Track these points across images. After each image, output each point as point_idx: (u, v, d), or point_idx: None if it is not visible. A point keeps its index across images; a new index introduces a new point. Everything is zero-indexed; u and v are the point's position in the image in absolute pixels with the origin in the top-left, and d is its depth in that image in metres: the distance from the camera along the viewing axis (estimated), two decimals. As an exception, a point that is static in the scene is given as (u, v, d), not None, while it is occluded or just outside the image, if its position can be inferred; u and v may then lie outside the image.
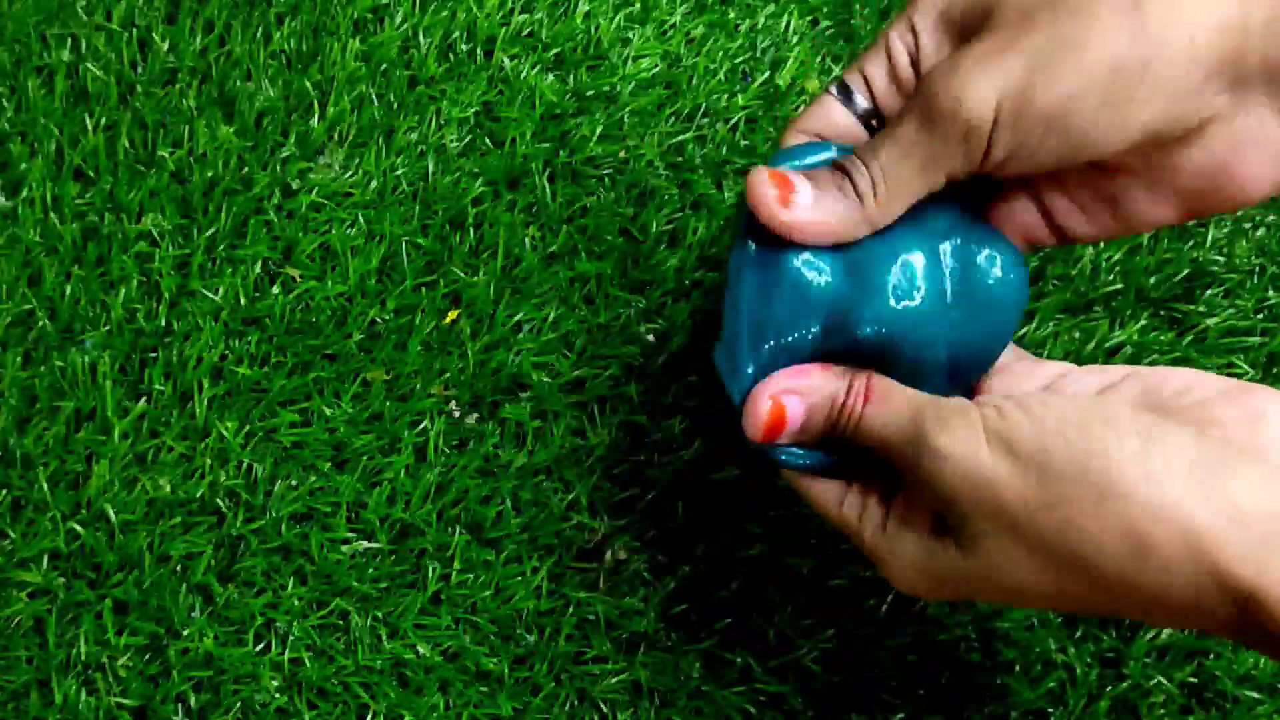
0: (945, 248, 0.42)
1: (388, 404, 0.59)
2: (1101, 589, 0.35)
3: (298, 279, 0.61)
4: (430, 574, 0.57)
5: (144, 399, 0.59)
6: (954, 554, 0.38)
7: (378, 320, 0.60)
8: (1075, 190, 0.42)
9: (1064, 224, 0.43)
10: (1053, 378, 0.43)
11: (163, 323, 0.60)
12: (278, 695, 0.55)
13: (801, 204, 0.40)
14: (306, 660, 0.56)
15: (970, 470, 0.36)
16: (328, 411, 0.59)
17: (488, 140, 0.64)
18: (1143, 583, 0.34)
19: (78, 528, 0.57)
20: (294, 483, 0.58)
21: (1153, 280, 0.61)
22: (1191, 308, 0.61)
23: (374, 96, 0.64)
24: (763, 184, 0.40)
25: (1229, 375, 0.59)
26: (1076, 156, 0.38)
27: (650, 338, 0.61)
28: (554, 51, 0.65)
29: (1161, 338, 0.60)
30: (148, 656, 0.56)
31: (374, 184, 0.63)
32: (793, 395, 0.42)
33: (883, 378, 0.41)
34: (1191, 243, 0.62)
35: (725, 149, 0.64)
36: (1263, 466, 0.34)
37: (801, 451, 0.43)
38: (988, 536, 0.37)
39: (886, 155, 0.40)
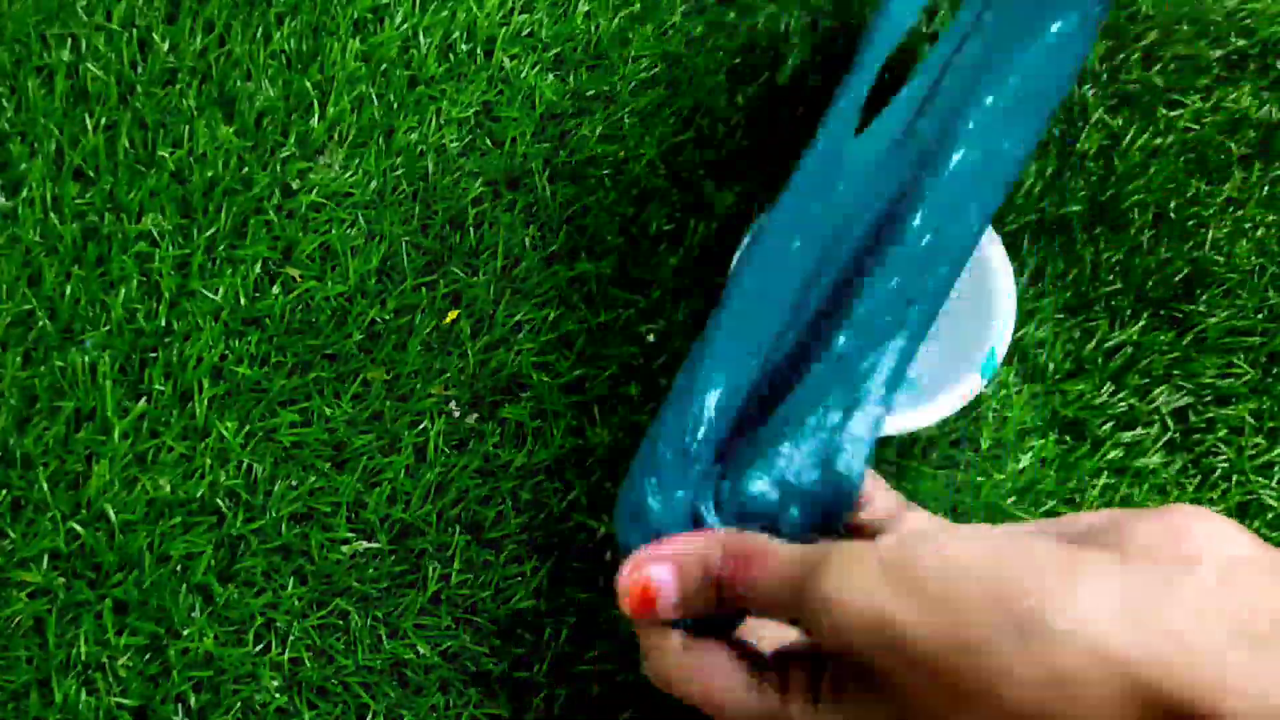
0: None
1: (387, 404, 0.59)
2: None
3: (298, 279, 0.61)
4: (430, 574, 0.57)
5: (144, 399, 0.59)
6: (886, 707, 0.34)
7: (378, 320, 0.60)
8: None
9: None
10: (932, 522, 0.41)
11: (163, 323, 0.60)
12: (278, 695, 0.55)
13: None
14: (306, 660, 0.56)
15: (865, 611, 0.33)
16: (328, 411, 0.59)
17: (488, 140, 0.64)
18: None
19: (78, 528, 0.57)
20: (294, 483, 0.58)
21: (1152, 280, 0.61)
22: (1192, 308, 0.61)
23: (374, 96, 0.64)
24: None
25: (1229, 375, 0.59)
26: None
27: (650, 338, 0.61)
28: (554, 51, 0.65)
29: (1161, 338, 0.60)
30: (148, 656, 0.56)
31: (374, 184, 0.63)
32: (660, 565, 0.39)
33: (760, 535, 0.38)
34: (1191, 243, 0.62)
35: (725, 149, 0.64)
36: (1196, 585, 0.31)
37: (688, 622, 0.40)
38: (906, 684, 0.33)
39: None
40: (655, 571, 0.39)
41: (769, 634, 0.42)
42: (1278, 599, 0.30)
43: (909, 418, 0.52)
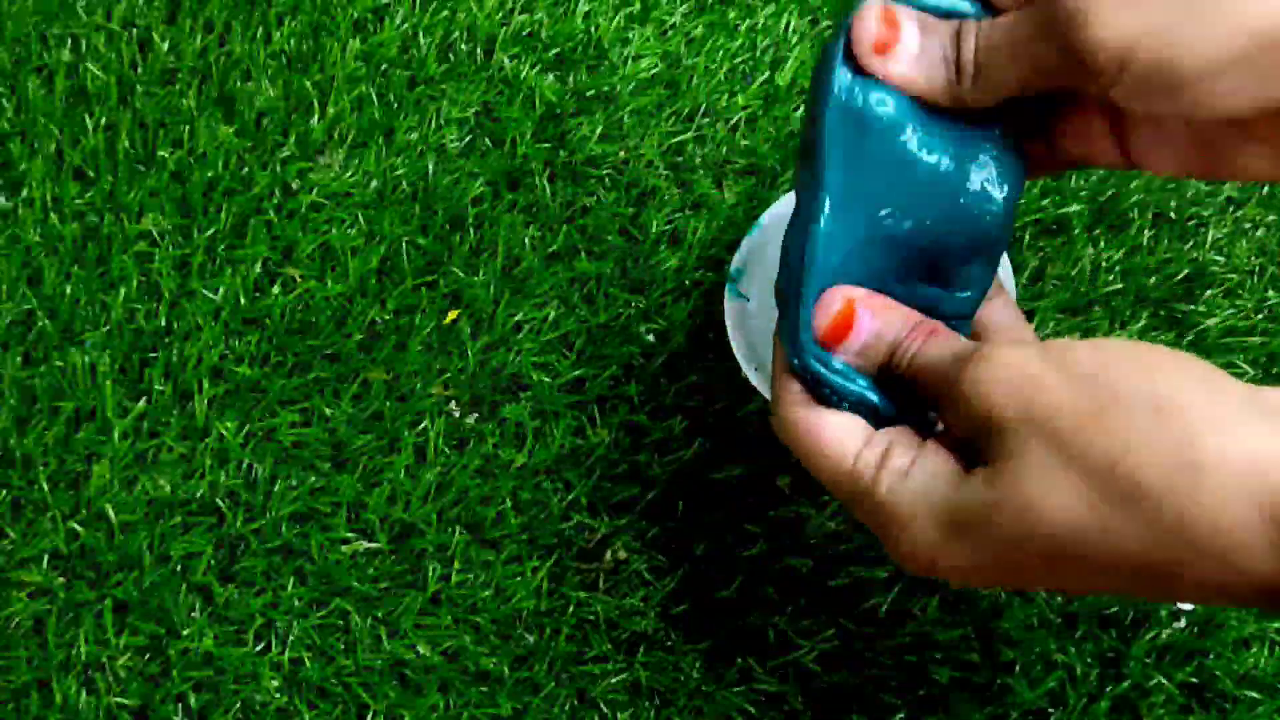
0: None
1: (388, 404, 0.59)
2: (1142, 517, 0.32)
3: (298, 279, 0.61)
4: (430, 574, 0.57)
5: (144, 399, 0.59)
6: (981, 489, 0.35)
7: (378, 320, 0.60)
8: (1172, 130, 0.39)
9: (1141, 155, 0.40)
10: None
11: (163, 322, 0.60)
12: (278, 695, 0.55)
13: (902, 54, 0.39)
14: (306, 660, 0.56)
15: (1016, 374, 0.34)
16: (328, 411, 0.59)
17: (488, 140, 0.64)
18: (1189, 509, 0.31)
19: (78, 528, 0.57)
20: (294, 482, 0.58)
21: (1152, 280, 0.61)
22: (1191, 308, 0.61)
23: (374, 96, 0.64)
24: (870, 20, 0.38)
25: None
26: (1199, 114, 0.35)
27: (650, 338, 0.61)
28: (554, 51, 0.65)
29: (1161, 338, 0.60)
30: (148, 656, 0.56)
31: (374, 184, 0.63)
32: (868, 310, 0.40)
33: (941, 326, 0.40)
34: (1191, 243, 0.62)
35: (725, 149, 0.64)
36: None
37: (852, 372, 0.40)
38: (1026, 451, 0.33)
39: (999, 44, 0.37)
40: (862, 313, 0.40)
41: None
42: None
43: None
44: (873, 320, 0.40)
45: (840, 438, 0.39)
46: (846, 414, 0.40)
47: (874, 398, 0.40)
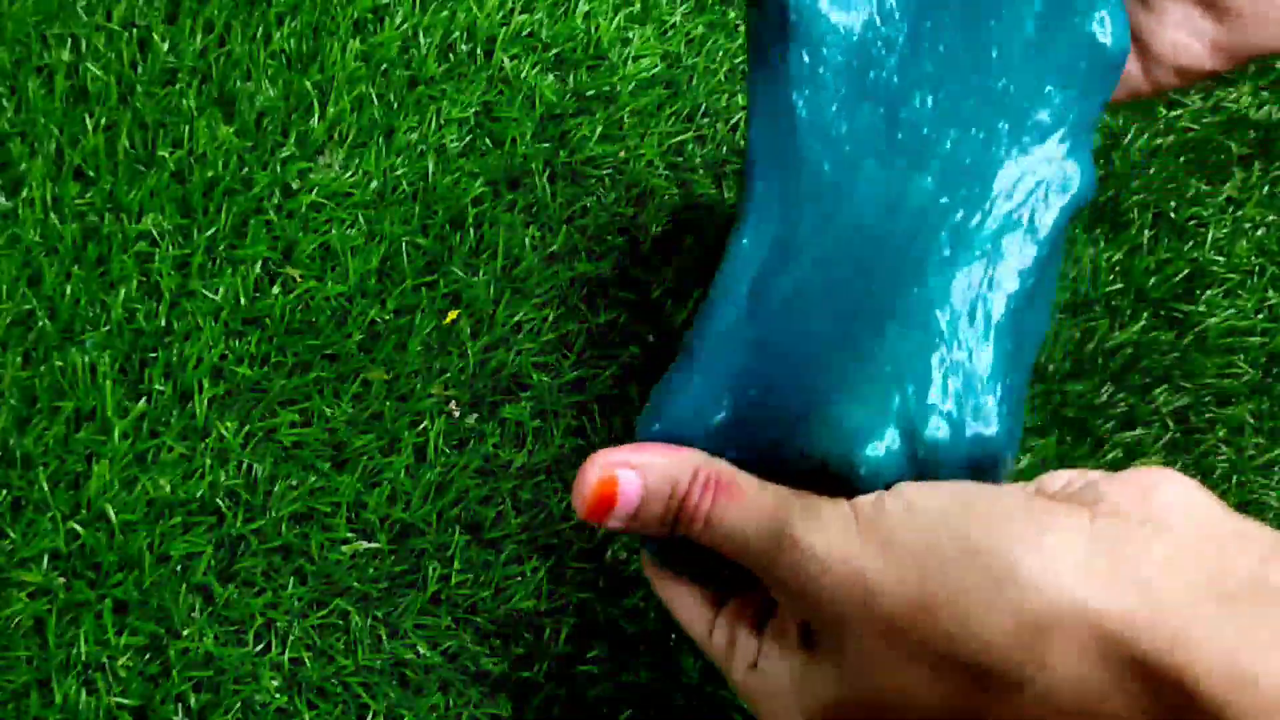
0: None
1: (388, 404, 0.59)
2: (996, 696, 0.31)
3: (298, 279, 0.61)
4: (430, 574, 0.57)
5: (144, 399, 0.59)
6: (833, 685, 0.34)
7: (378, 320, 0.60)
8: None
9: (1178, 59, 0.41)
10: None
11: (163, 323, 0.60)
12: (278, 695, 0.55)
13: None
14: (306, 660, 0.56)
15: (838, 564, 0.32)
16: (328, 411, 0.59)
17: (488, 140, 0.64)
18: (1044, 683, 0.30)
19: (78, 528, 0.57)
20: (294, 483, 0.58)
21: (1153, 280, 0.61)
22: (1192, 308, 0.61)
23: (374, 96, 0.64)
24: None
25: (1229, 375, 0.59)
26: None
27: (650, 338, 0.61)
28: (554, 51, 0.65)
29: (1161, 338, 0.60)
30: (148, 656, 0.56)
31: (374, 184, 0.63)
32: (629, 470, 0.36)
33: (737, 471, 0.36)
34: (1191, 243, 0.62)
35: (725, 149, 0.64)
36: (1165, 542, 0.30)
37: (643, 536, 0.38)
38: (868, 648, 0.32)
39: None
40: (624, 475, 0.36)
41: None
42: (1245, 560, 0.30)
43: None
44: (635, 483, 0.36)
45: (690, 618, 0.39)
46: (685, 588, 0.38)
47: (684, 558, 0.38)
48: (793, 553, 0.33)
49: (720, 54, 0.65)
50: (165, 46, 0.65)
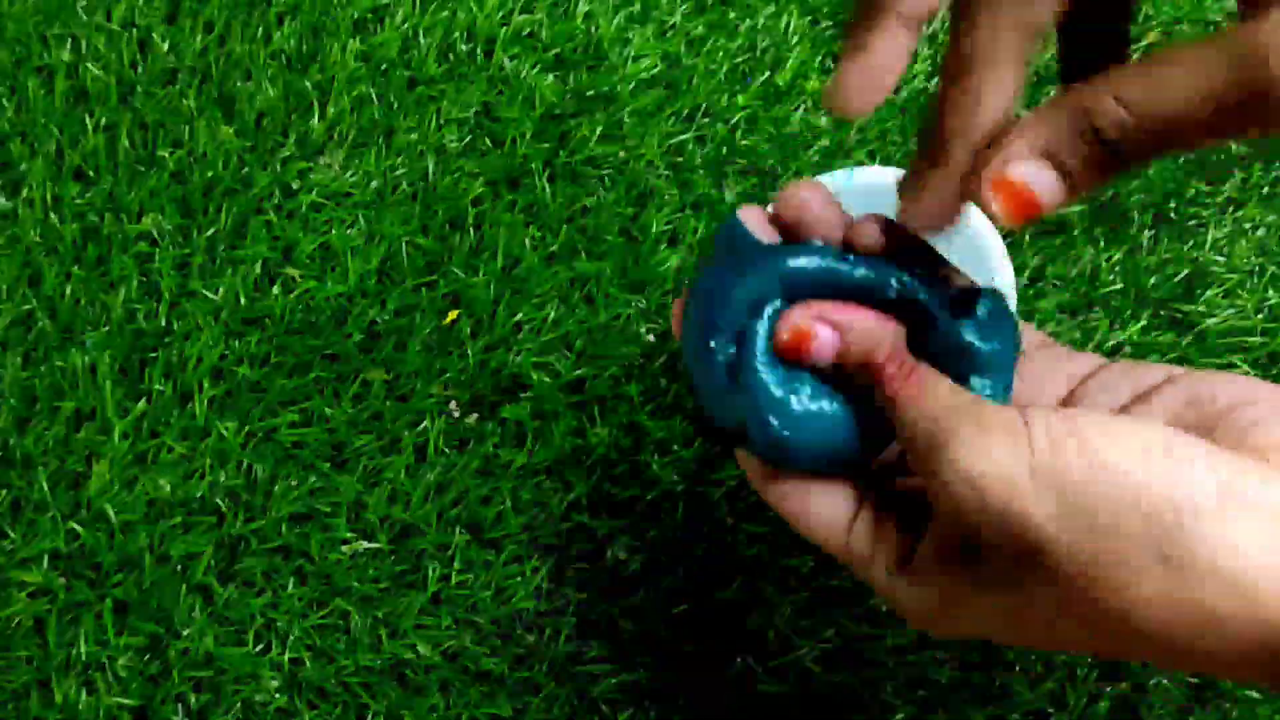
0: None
1: (388, 404, 0.59)
2: (1153, 651, 0.31)
3: (298, 279, 0.61)
4: (430, 574, 0.57)
5: (144, 399, 0.59)
6: (987, 592, 0.33)
7: (378, 320, 0.60)
8: None
9: None
10: (1080, 377, 0.38)
11: (163, 323, 0.60)
12: (278, 695, 0.55)
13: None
14: (306, 660, 0.56)
15: (1001, 503, 0.31)
16: (328, 411, 0.59)
17: (488, 140, 0.64)
18: (1203, 649, 0.30)
19: (78, 528, 0.57)
20: (294, 483, 0.58)
21: (1153, 280, 0.61)
22: (1192, 308, 0.61)
23: (374, 97, 0.64)
24: None
25: (1229, 375, 0.59)
26: None
27: (650, 338, 0.61)
28: (554, 52, 0.65)
29: (1161, 338, 0.60)
30: (148, 656, 0.56)
31: (374, 184, 0.63)
32: (826, 328, 0.36)
33: (928, 368, 0.35)
34: (1191, 243, 0.62)
35: (725, 149, 0.64)
36: None
37: (812, 392, 0.37)
38: (1026, 586, 0.32)
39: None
40: (821, 331, 0.36)
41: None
42: None
43: None
44: (831, 340, 0.36)
45: (823, 518, 0.37)
46: (814, 485, 0.37)
47: (840, 423, 0.37)
48: (959, 478, 0.32)
49: (720, 54, 0.65)
50: (165, 46, 0.65)
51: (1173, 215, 0.62)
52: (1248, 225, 0.62)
